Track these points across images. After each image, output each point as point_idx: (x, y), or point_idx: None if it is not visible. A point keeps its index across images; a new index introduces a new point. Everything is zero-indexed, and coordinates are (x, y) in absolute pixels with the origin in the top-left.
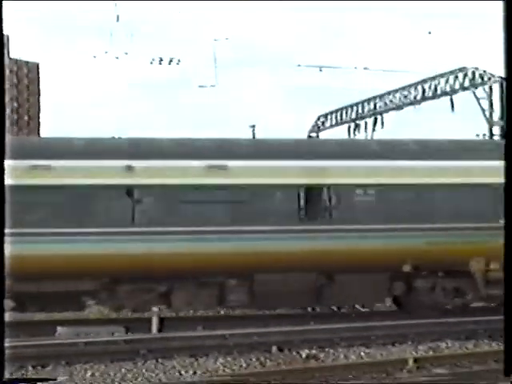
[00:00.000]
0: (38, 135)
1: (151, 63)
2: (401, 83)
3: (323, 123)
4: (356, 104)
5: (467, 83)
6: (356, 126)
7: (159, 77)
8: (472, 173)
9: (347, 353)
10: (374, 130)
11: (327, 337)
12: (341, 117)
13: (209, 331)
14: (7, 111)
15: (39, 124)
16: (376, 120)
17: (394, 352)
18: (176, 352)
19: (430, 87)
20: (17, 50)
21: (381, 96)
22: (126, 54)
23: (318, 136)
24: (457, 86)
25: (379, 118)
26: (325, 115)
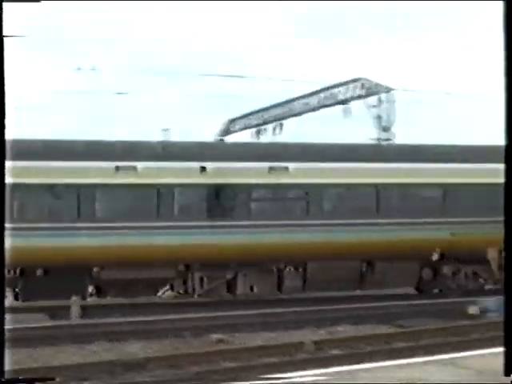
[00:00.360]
0: None
1: (73, 70)
2: (300, 92)
3: (231, 127)
4: (261, 110)
5: (360, 93)
6: (259, 131)
7: (80, 84)
8: (488, 174)
9: (254, 336)
10: (277, 134)
11: (235, 322)
12: (247, 122)
13: (126, 318)
14: None
15: None
16: (280, 125)
17: (296, 335)
18: (96, 337)
19: (327, 96)
20: None
21: (284, 103)
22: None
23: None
24: (351, 95)
25: (281, 124)
26: (233, 120)
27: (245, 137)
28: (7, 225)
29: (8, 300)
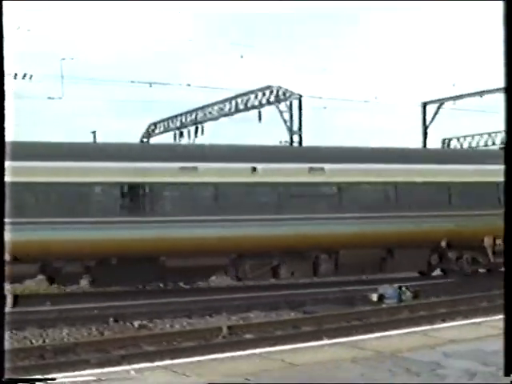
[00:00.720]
0: None
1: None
2: (218, 98)
3: (153, 130)
4: (180, 115)
5: (272, 99)
6: (180, 134)
7: (13, 89)
8: (484, 173)
9: (172, 323)
10: (196, 137)
11: (155, 310)
12: (168, 125)
13: (55, 306)
14: None
15: None
16: (197, 129)
17: (212, 322)
18: (27, 324)
19: (242, 101)
20: None
21: (201, 108)
22: None
23: (149, 141)
24: (264, 101)
25: (200, 127)
26: (154, 123)
27: (166, 139)
28: (90, 218)
29: (83, 285)
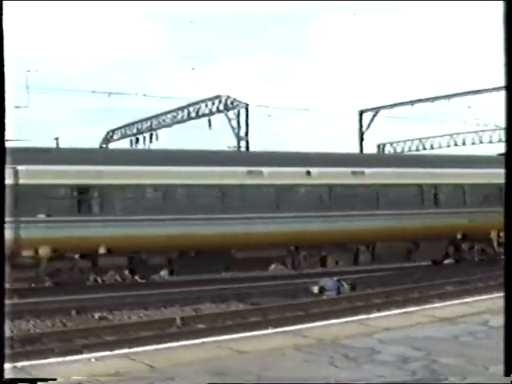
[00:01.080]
0: None
1: None
2: (171, 106)
3: (112, 137)
4: (137, 122)
5: (221, 107)
6: (137, 140)
7: None
8: (492, 176)
9: (130, 314)
10: (151, 143)
11: (114, 302)
12: (125, 132)
13: (21, 299)
14: None
15: None
16: (152, 135)
17: (166, 313)
18: None
19: (194, 110)
20: None
21: (156, 116)
22: None
23: (107, 146)
24: (214, 110)
25: (154, 134)
26: (113, 130)
27: (124, 145)
28: (172, 216)
29: (164, 275)
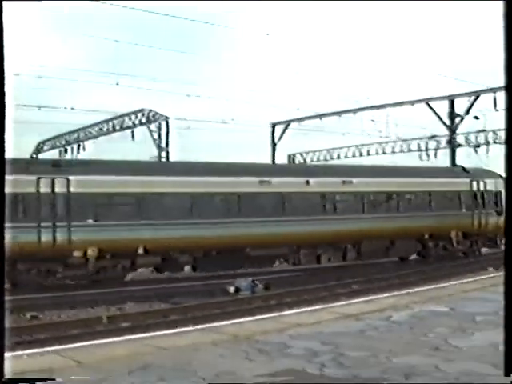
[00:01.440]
0: None
1: None
2: (97, 119)
3: (42, 148)
4: (65, 134)
5: (144, 120)
6: (65, 151)
7: None
8: (452, 185)
9: (60, 313)
10: (78, 153)
11: (46, 302)
12: (54, 143)
13: None
14: None
15: None
16: (79, 146)
17: (93, 312)
18: None
19: (118, 123)
20: None
21: (83, 128)
22: None
23: (38, 157)
24: (137, 122)
25: (82, 145)
26: (43, 142)
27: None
28: (199, 220)
29: (187, 271)
